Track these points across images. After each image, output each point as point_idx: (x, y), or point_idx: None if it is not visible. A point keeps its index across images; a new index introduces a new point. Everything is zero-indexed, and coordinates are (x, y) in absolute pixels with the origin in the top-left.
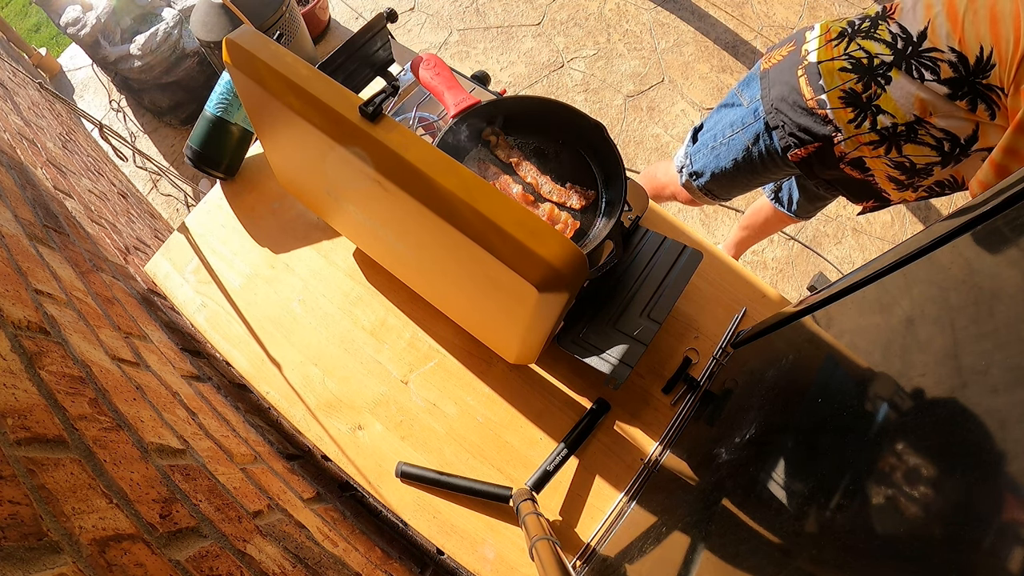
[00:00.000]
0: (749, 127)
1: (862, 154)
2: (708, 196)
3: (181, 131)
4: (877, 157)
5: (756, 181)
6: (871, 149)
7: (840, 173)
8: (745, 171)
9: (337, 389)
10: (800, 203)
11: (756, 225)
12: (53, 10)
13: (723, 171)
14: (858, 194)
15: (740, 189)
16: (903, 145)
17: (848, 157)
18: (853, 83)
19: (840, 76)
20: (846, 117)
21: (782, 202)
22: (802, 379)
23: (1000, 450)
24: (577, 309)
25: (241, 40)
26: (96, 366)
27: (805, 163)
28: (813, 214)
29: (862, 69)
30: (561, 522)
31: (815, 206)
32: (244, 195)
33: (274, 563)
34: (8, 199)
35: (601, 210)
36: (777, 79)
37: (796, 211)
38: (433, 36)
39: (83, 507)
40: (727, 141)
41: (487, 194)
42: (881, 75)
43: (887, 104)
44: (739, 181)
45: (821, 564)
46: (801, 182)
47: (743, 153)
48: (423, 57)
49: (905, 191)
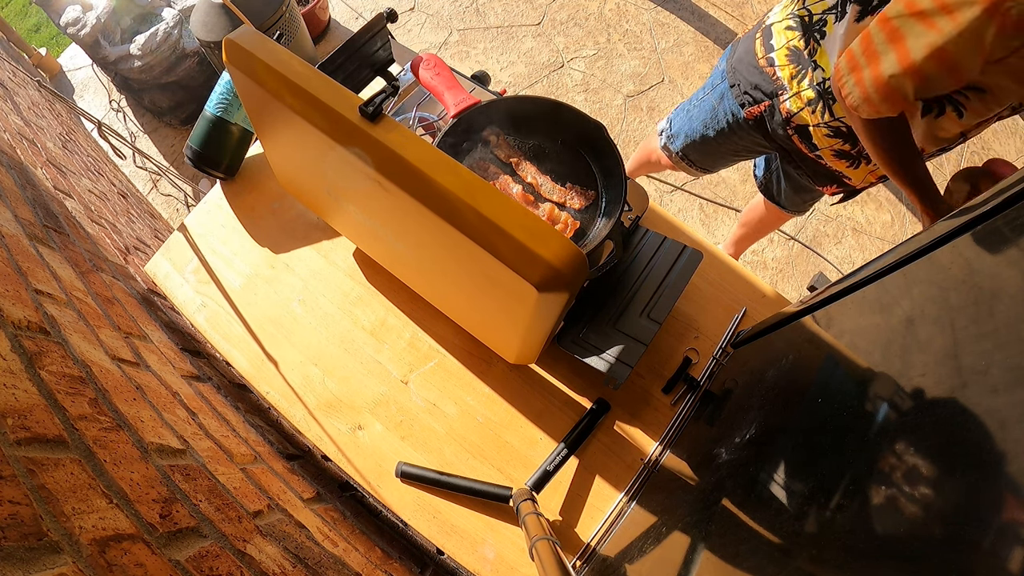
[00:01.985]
0: (716, 87)
1: (805, 121)
2: (685, 162)
3: (181, 131)
4: (817, 125)
5: (726, 147)
6: (811, 112)
7: (792, 145)
8: (715, 135)
9: (337, 389)
10: (787, 193)
11: (752, 221)
12: (53, 10)
13: (695, 134)
14: (817, 175)
15: (713, 157)
16: (832, 104)
17: (794, 121)
18: (796, 40)
19: (786, 35)
20: (790, 73)
21: (772, 195)
22: (802, 379)
23: (1000, 450)
24: (577, 309)
25: (241, 40)
26: (96, 366)
27: (760, 123)
28: (804, 208)
29: (804, 26)
30: (561, 522)
31: (802, 198)
32: (244, 195)
33: (274, 563)
34: (8, 199)
35: (601, 210)
36: (741, 43)
37: (785, 203)
38: (433, 36)
39: (83, 507)
40: (699, 103)
41: (487, 194)
42: (818, 30)
43: (822, 59)
44: (711, 147)
45: (821, 564)
46: (784, 169)
47: (711, 114)
48: (423, 57)
49: (858, 168)
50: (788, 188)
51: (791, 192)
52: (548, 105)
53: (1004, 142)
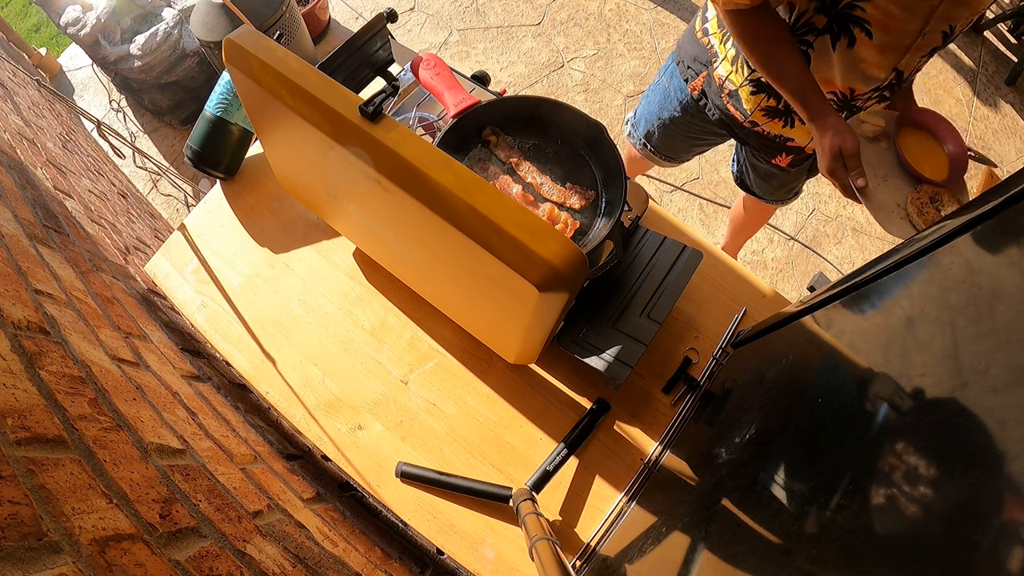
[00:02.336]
0: (667, 68)
1: (734, 84)
2: (649, 149)
3: (181, 131)
4: (743, 84)
5: (682, 129)
6: (735, 71)
7: (731, 116)
8: (670, 118)
9: (337, 389)
10: (757, 182)
11: (739, 218)
12: (53, 10)
13: (653, 118)
14: (764, 147)
15: (673, 142)
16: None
17: (725, 87)
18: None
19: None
20: (719, 38)
21: (747, 186)
22: (802, 379)
23: (1000, 450)
24: (577, 309)
25: (241, 40)
26: (96, 366)
27: (703, 97)
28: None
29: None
30: (561, 522)
31: (773, 185)
32: (244, 195)
33: (274, 563)
34: (8, 199)
35: (601, 210)
36: (689, 25)
37: (759, 192)
38: (433, 36)
39: (83, 507)
40: (655, 87)
41: (487, 194)
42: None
43: None
44: (669, 131)
45: (821, 564)
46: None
47: (664, 95)
48: (423, 57)
49: (795, 127)
50: (756, 176)
51: (760, 180)
52: (548, 105)
53: (1004, 142)
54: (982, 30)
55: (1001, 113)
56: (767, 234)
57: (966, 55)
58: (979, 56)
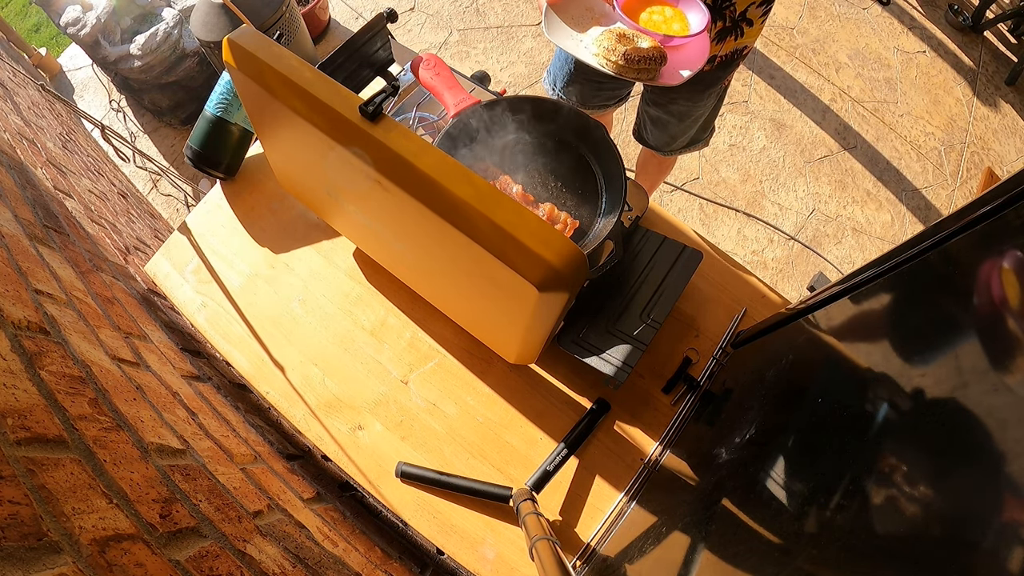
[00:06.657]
0: None
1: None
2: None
3: (181, 131)
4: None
5: (585, 73)
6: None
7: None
8: (576, 63)
9: (337, 389)
10: (650, 130)
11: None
12: (53, 10)
13: (564, 68)
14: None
15: (583, 88)
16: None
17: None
18: None
19: None
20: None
21: (644, 139)
22: (802, 379)
23: (1000, 450)
24: (577, 309)
25: (241, 40)
26: (96, 366)
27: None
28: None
29: None
30: (561, 522)
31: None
32: (244, 195)
33: (274, 563)
34: (8, 199)
35: (601, 210)
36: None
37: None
38: (433, 36)
39: (83, 507)
40: None
41: (487, 194)
42: None
43: None
44: (577, 78)
45: (821, 564)
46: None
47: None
48: (423, 57)
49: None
50: (649, 123)
51: (652, 127)
52: (548, 105)
53: (1004, 142)
54: (982, 30)
55: (1001, 113)
56: (767, 234)
57: (966, 55)
58: (979, 56)
